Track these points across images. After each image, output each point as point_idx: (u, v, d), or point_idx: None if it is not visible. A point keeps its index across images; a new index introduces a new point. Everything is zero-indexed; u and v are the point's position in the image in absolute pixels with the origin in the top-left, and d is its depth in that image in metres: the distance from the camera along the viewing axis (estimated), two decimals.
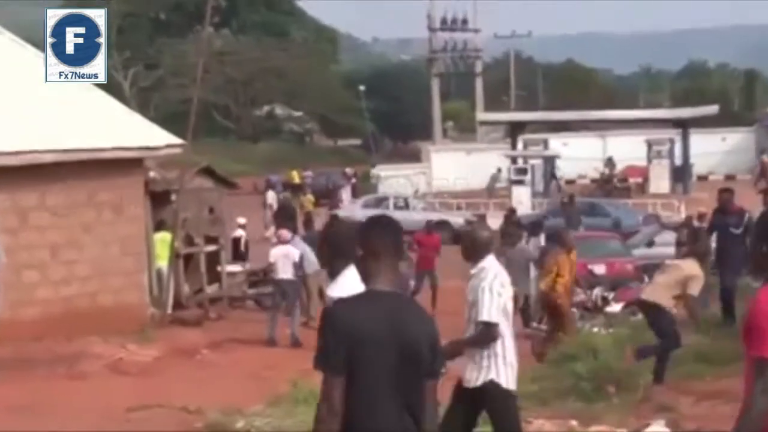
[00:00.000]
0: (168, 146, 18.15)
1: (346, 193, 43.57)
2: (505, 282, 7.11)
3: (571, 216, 28.00)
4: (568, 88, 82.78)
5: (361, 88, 64.27)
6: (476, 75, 68.68)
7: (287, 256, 18.37)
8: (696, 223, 19.89)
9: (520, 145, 46.65)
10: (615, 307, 16.28)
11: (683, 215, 29.23)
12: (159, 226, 18.58)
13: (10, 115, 14.99)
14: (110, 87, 27.61)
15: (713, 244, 13.64)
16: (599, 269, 20.13)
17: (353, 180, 48.17)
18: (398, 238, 4.81)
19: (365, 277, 4.77)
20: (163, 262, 18.23)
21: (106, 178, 16.22)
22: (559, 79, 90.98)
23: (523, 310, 17.26)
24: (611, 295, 16.78)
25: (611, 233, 24.09)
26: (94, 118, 16.35)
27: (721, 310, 13.72)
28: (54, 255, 15.59)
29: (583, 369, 11.23)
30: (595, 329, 13.86)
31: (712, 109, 49.54)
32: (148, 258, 17.69)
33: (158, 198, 18.91)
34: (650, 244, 22.83)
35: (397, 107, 75.21)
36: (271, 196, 37.75)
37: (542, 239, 20.34)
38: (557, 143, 49.07)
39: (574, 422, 9.65)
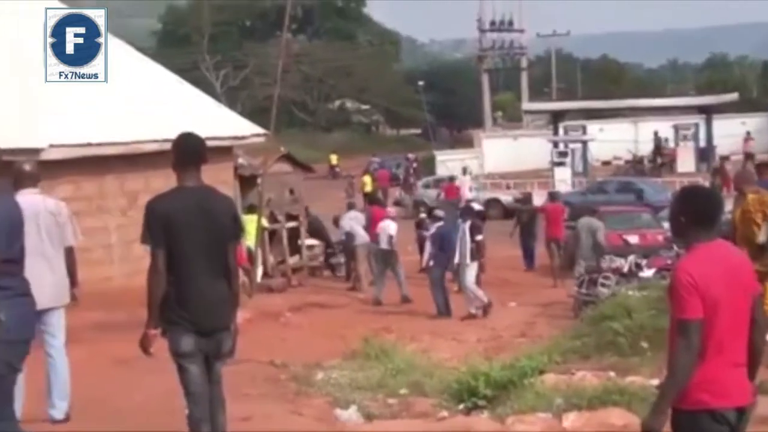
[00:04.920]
0: (254, 135, 18.24)
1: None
2: None
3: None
4: (603, 81, 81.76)
5: (420, 83, 63.96)
6: (521, 70, 68.02)
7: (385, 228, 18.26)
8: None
9: (561, 131, 46.22)
10: (647, 273, 16.02)
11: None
12: (250, 209, 18.37)
13: (119, 111, 15.13)
14: (204, 85, 28.08)
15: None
16: (633, 239, 19.88)
17: (414, 164, 48.09)
18: (200, 149, 5.60)
19: (178, 179, 5.47)
20: (251, 241, 18.07)
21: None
22: (595, 72, 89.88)
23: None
24: (644, 262, 16.52)
25: (643, 207, 23.72)
26: (190, 113, 16.45)
27: None
28: None
29: (619, 327, 11.15)
30: (630, 292, 13.61)
31: (732, 96, 48.79)
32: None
33: (246, 181, 19.03)
34: None
35: (452, 100, 74.78)
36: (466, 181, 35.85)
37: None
38: (594, 129, 48.44)
39: (612, 373, 9.56)
